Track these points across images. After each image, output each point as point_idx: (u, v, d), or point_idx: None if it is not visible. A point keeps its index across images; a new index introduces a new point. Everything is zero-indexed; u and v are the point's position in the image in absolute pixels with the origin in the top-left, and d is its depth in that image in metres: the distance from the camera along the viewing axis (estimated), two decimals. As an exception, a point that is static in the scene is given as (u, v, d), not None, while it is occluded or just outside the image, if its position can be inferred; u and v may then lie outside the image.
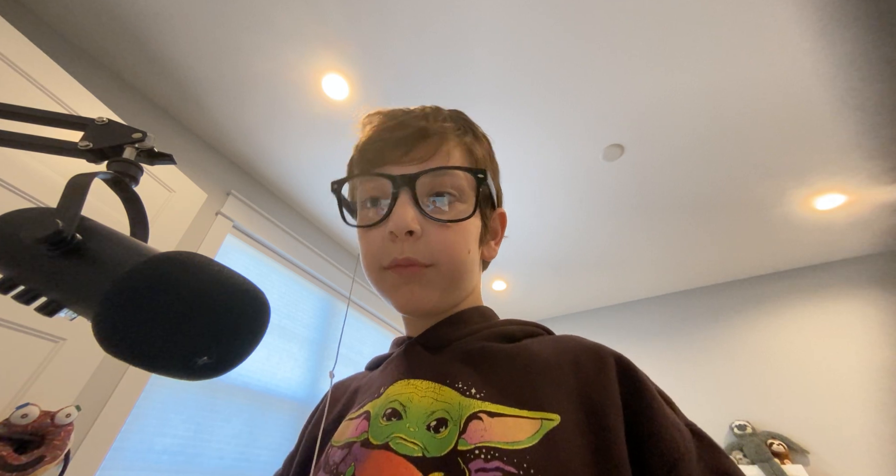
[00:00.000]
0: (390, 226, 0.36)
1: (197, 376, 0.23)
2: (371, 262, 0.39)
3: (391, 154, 0.39)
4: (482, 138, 0.47)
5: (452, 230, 0.38)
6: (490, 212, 0.45)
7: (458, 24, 1.26)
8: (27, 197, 0.90)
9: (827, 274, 2.32)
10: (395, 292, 0.38)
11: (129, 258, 0.22)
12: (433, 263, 0.37)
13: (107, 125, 0.31)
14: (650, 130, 1.59)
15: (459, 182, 0.39)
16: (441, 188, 0.38)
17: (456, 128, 0.42)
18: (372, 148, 0.40)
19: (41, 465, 0.80)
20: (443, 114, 0.43)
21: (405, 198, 0.36)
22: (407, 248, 0.36)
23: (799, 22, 1.20)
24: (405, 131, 0.39)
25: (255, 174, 1.93)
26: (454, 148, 0.41)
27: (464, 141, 0.42)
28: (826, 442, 1.93)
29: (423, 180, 0.37)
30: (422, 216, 0.37)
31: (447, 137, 0.40)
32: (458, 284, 0.40)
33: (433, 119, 0.41)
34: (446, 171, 0.38)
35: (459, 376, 0.33)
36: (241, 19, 1.26)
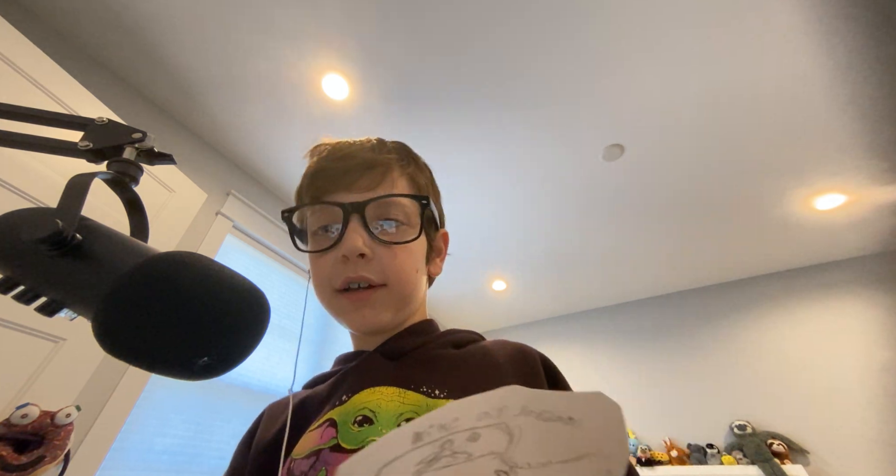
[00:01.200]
0: (342, 249, 0.38)
1: (197, 376, 0.23)
2: (323, 286, 0.41)
3: (340, 182, 0.41)
4: (423, 168, 0.50)
5: (401, 251, 0.41)
6: (434, 233, 0.49)
7: (458, 23, 1.26)
8: (27, 197, 0.90)
9: (827, 274, 2.32)
10: (349, 315, 0.41)
11: (129, 258, 0.22)
12: (384, 283, 0.40)
13: (107, 125, 0.31)
14: (650, 130, 1.59)
15: (405, 208, 0.42)
16: (388, 214, 0.41)
17: (399, 158, 0.45)
18: (321, 176, 0.43)
19: (41, 465, 0.80)
20: (387, 146, 0.46)
21: (355, 223, 0.39)
22: (359, 268, 0.39)
23: (799, 22, 1.20)
24: (353, 161, 0.42)
25: (255, 174, 1.93)
26: (399, 177, 0.44)
27: (407, 171, 0.45)
28: (826, 442, 1.93)
29: (371, 207, 0.40)
30: (371, 240, 0.39)
31: (392, 167, 0.44)
32: (408, 302, 0.43)
33: (378, 151, 0.44)
34: (393, 198, 0.41)
35: (422, 380, 0.37)
36: (241, 19, 1.26)
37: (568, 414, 0.19)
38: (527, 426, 0.19)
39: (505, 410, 0.19)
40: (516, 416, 0.19)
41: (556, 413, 0.19)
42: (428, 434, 0.18)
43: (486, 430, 0.19)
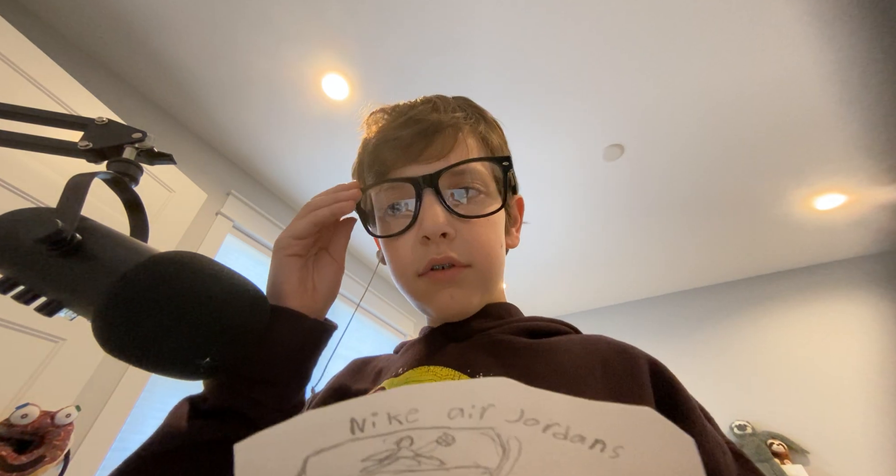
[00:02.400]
0: (424, 230, 0.34)
1: (198, 377, 0.23)
2: (403, 271, 0.37)
3: (407, 154, 0.37)
4: (494, 124, 0.44)
5: (484, 226, 0.36)
6: (511, 198, 0.43)
7: (458, 24, 1.26)
8: (27, 197, 0.90)
9: (827, 274, 2.32)
10: (433, 298, 0.36)
11: (129, 258, 0.22)
12: (469, 263, 0.35)
13: (107, 125, 0.31)
14: (650, 130, 1.59)
15: (481, 174, 0.37)
16: (464, 183, 0.36)
17: (467, 117, 0.40)
18: (384, 149, 0.38)
19: (41, 465, 0.80)
20: (451, 103, 0.41)
21: (431, 199, 0.34)
22: (443, 248, 0.34)
23: (799, 22, 1.20)
24: (417, 127, 0.37)
25: (255, 174, 1.93)
26: (469, 137, 0.39)
27: (478, 130, 0.40)
28: (826, 442, 1.93)
29: (445, 177, 0.35)
30: (451, 215, 0.35)
31: (461, 128, 0.38)
32: (495, 282, 0.38)
33: (444, 110, 0.39)
34: (470, 164, 0.36)
35: (480, 366, 0.32)
36: (242, 19, 1.26)
37: (598, 435, 0.13)
38: (529, 441, 0.14)
39: (492, 412, 0.14)
40: (511, 424, 0.14)
41: (578, 431, 0.14)
42: (371, 423, 0.14)
43: (465, 434, 0.14)
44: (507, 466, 0.13)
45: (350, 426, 0.14)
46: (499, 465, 0.13)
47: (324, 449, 0.14)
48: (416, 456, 0.14)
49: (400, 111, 0.40)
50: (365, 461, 0.13)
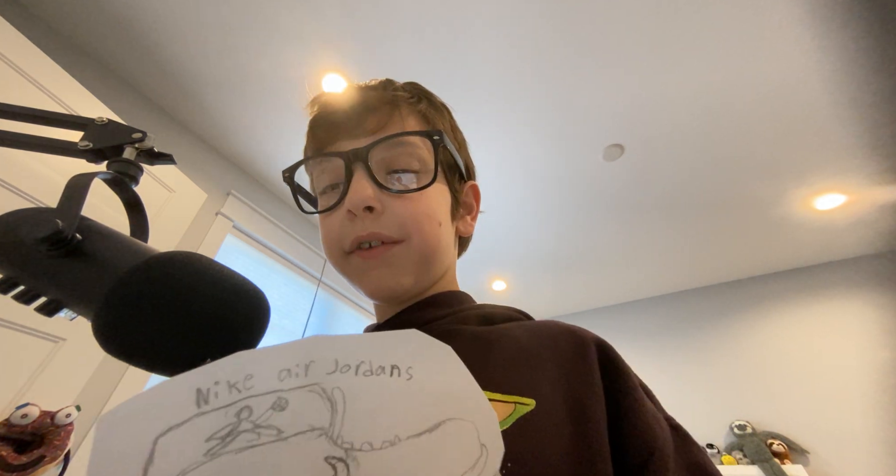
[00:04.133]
0: (347, 203, 0.33)
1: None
2: (333, 248, 0.36)
3: (340, 129, 0.36)
4: (441, 107, 0.43)
5: (416, 201, 0.35)
6: (460, 185, 0.42)
7: (458, 24, 1.26)
8: (27, 197, 0.90)
9: (827, 274, 2.32)
10: (363, 277, 0.35)
11: (129, 258, 0.22)
12: (402, 238, 0.34)
13: (107, 125, 0.31)
14: (650, 130, 1.59)
15: (420, 153, 0.35)
16: (400, 163, 0.35)
17: (409, 96, 0.39)
18: (320, 125, 0.38)
19: (41, 465, 0.80)
20: (394, 84, 0.40)
21: (360, 173, 0.33)
22: (368, 224, 0.33)
23: (799, 22, 1.20)
24: (353, 102, 0.37)
25: (255, 174, 1.93)
26: (408, 116, 0.38)
27: (418, 108, 0.39)
28: (826, 442, 1.93)
29: (378, 153, 0.34)
30: (380, 190, 0.34)
31: (399, 105, 0.37)
32: (431, 262, 0.36)
33: (382, 89, 0.38)
34: (403, 141, 0.35)
35: None
36: (241, 19, 1.26)
37: (392, 362, 0.16)
38: (349, 388, 0.15)
39: (314, 367, 0.15)
40: (330, 375, 0.15)
41: (378, 363, 0.15)
42: (214, 394, 0.14)
43: (296, 395, 0.14)
44: (338, 420, 0.14)
45: (196, 397, 0.14)
46: (331, 422, 0.14)
47: (172, 427, 0.13)
48: (255, 428, 0.14)
49: (343, 92, 0.40)
50: (209, 441, 0.13)
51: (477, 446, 0.15)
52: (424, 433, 0.15)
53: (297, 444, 0.14)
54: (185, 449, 0.13)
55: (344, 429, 0.14)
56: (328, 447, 0.14)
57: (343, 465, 0.14)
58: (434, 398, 0.15)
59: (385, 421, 0.15)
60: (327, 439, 0.14)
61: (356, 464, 0.14)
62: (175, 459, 0.13)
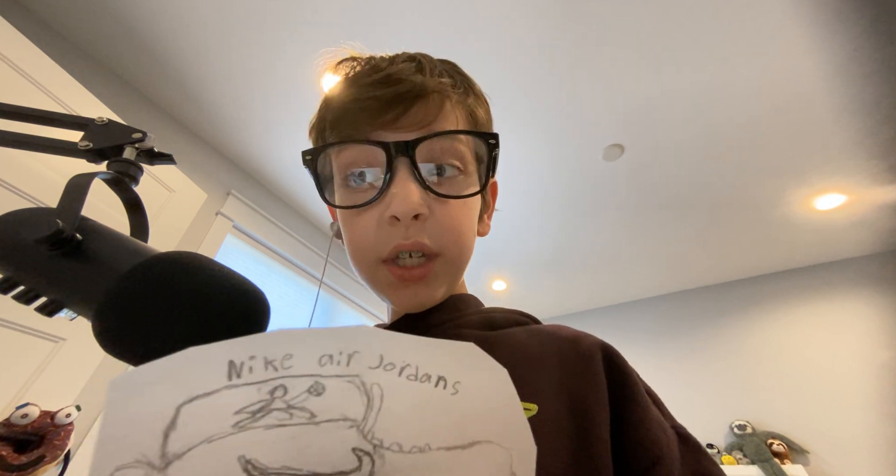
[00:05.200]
0: (394, 210, 0.29)
1: (197, 376, 0.23)
2: (367, 254, 0.32)
3: (382, 116, 0.31)
4: (483, 99, 0.40)
5: (460, 209, 0.32)
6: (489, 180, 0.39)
7: (457, 23, 1.26)
8: (27, 197, 0.90)
9: (827, 274, 2.32)
10: (397, 292, 0.32)
11: (129, 258, 0.22)
12: (441, 250, 0.31)
13: (107, 125, 0.31)
14: (650, 130, 1.59)
15: (462, 151, 0.32)
16: (445, 158, 0.31)
17: (454, 84, 0.35)
18: (354, 108, 0.32)
19: (41, 465, 0.80)
20: (437, 66, 0.36)
21: (405, 172, 0.29)
22: (413, 232, 0.30)
23: (799, 22, 1.20)
24: (396, 88, 0.31)
25: (255, 174, 1.93)
26: (456, 109, 0.34)
27: (466, 103, 0.36)
28: (826, 442, 1.93)
29: (423, 148, 0.30)
30: (427, 193, 0.30)
31: (449, 96, 0.33)
32: (462, 272, 0.34)
33: (429, 73, 0.33)
34: (448, 135, 0.31)
35: None
36: (241, 19, 1.26)
37: (440, 372, 0.15)
38: (389, 387, 0.15)
39: (357, 358, 0.15)
40: (373, 370, 0.15)
41: (425, 370, 0.15)
42: (248, 369, 0.14)
43: (335, 384, 0.14)
44: (372, 416, 0.14)
45: (227, 370, 0.14)
46: (364, 416, 0.14)
47: (198, 396, 0.13)
48: (288, 408, 0.14)
49: (375, 66, 0.35)
50: (238, 414, 0.13)
51: (507, 473, 0.15)
52: (456, 449, 0.15)
53: (328, 430, 0.14)
54: (211, 419, 0.13)
55: (376, 426, 0.14)
56: (357, 439, 0.14)
57: (369, 459, 0.14)
58: (475, 418, 0.15)
59: (418, 427, 0.15)
60: (358, 432, 0.14)
61: (382, 461, 0.14)
62: (199, 427, 0.13)
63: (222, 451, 0.13)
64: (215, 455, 0.13)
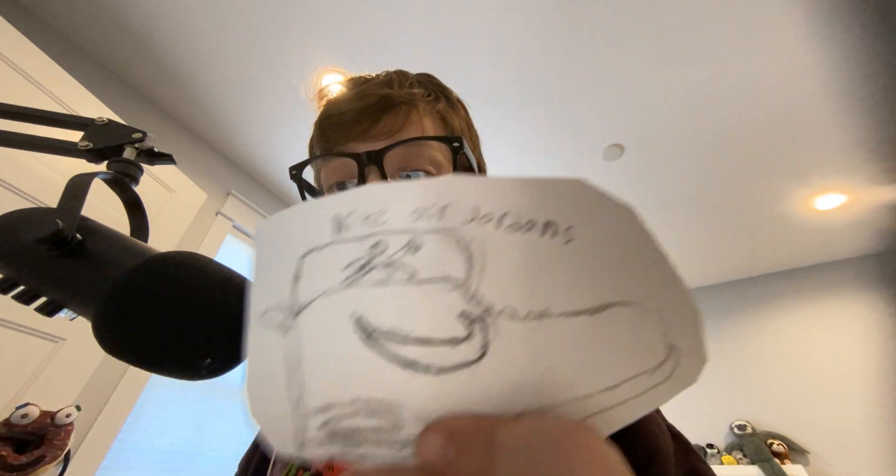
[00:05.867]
0: None
1: (199, 377, 0.23)
2: None
3: (354, 129, 0.34)
4: (457, 104, 0.41)
5: None
6: None
7: (458, 24, 1.26)
8: (27, 197, 0.90)
9: (827, 274, 2.32)
10: None
11: (129, 258, 0.22)
12: None
13: (107, 125, 0.31)
14: (650, 130, 1.59)
15: (434, 155, 0.34)
16: (414, 164, 0.33)
17: (426, 94, 0.37)
18: (331, 122, 0.36)
19: (41, 465, 0.80)
20: (409, 78, 0.38)
21: (374, 178, 0.32)
22: None
23: (799, 22, 1.20)
24: (367, 101, 0.35)
25: (255, 174, 1.93)
26: (425, 117, 0.36)
27: (436, 108, 0.37)
28: (826, 442, 1.93)
29: (392, 156, 0.32)
30: None
31: (416, 105, 0.36)
32: None
33: (398, 85, 0.36)
34: (417, 142, 0.33)
35: None
36: (241, 19, 1.26)
37: (546, 217, 0.13)
38: (488, 242, 0.13)
39: (450, 211, 0.13)
40: (467, 225, 0.13)
41: (528, 216, 0.13)
42: (350, 223, 0.14)
43: (430, 239, 0.13)
44: (475, 276, 0.13)
45: (333, 224, 0.14)
46: (466, 276, 0.13)
47: (313, 249, 0.14)
48: (388, 264, 0.13)
49: (352, 84, 0.38)
50: (346, 269, 0.13)
51: (661, 346, 0.12)
52: (583, 314, 0.12)
53: (429, 291, 0.13)
54: (325, 273, 0.14)
55: (482, 287, 0.13)
56: (463, 303, 0.13)
57: (480, 325, 0.12)
58: (600, 271, 0.12)
59: (530, 288, 0.12)
60: (462, 295, 0.13)
61: (495, 329, 0.12)
62: (317, 280, 0.14)
63: (337, 306, 0.13)
64: (332, 309, 0.13)
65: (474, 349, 0.12)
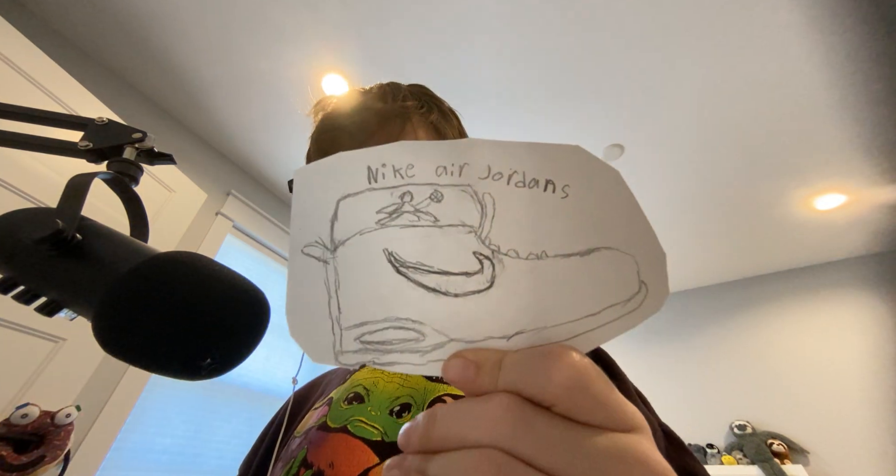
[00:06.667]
0: None
1: (198, 377, 0.23)
2: None
3: (349, 144, 0.35)
4: (449, 114, 0.43)
5: None
6: None
7: (458, 24, 1.26)
8: (27, 197, 0.90)
9: (827, 274, 2.32)
10: None
11: (129, 258, 0.22)
12: None
13: (107, 125, 0.31)
14: (650, 130, 1.59)
15: None
16: None
17: (419, 106, 0.38)
18: (328, 138, 0.37)
19: (41, 465, 0.80)
20: (402, 91, 0.39)
21: None
22: None
23: (799, 22, 1.20)
24: (362, 116, 0.36)
25: (255, 174, 1.93)
26: (419, 129, 0.37)
27: (429, 120, 0.38)
28: (826, 442, 1.93)
29: None
30: None
31: (409, 118, 0.37)
32: None
33: (392, 98, 0.37)
34: None
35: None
36: (242, 19, 1.26)
37: (547, 175, 0.15)
38: (499, 195, 0.15)
39: (467, 169, 0.15)
40: (482, 181, 0.15)
41: (532, 175, 0.15)
42: (381, 174, 0.16)
43: (450, 192, 0.16)
44: (487, 223, 0.16)
45: (367, 174, 0.16)
46: (480, 223, 0.16)
47: (350, 194, 0.16)
48: (415, 211, 0.16)
49: (348, 99, 0.39)
50: (379, 213, 0.16)
51: (634, 281, 0.15)
52: (574, 256, 0.15)
53: (450, 233, 0.16)
54: (360, 215, 0.16)
55: (492, 232, 0.15)
56: (476, 244, 0.15)
57: (489, 262, 0.15)
58: (589, 222, 0.15)
59: (532, 234, 0.15)
60: (476, 237, 0.15)
61: (501, 265, 0.15)
62: (353, 221, 0.16)
63: (371, 242, 0.16)
64: (367, 245, 0.16)
65: (484, 280, 0.15)
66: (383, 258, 0.16)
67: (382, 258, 0.16)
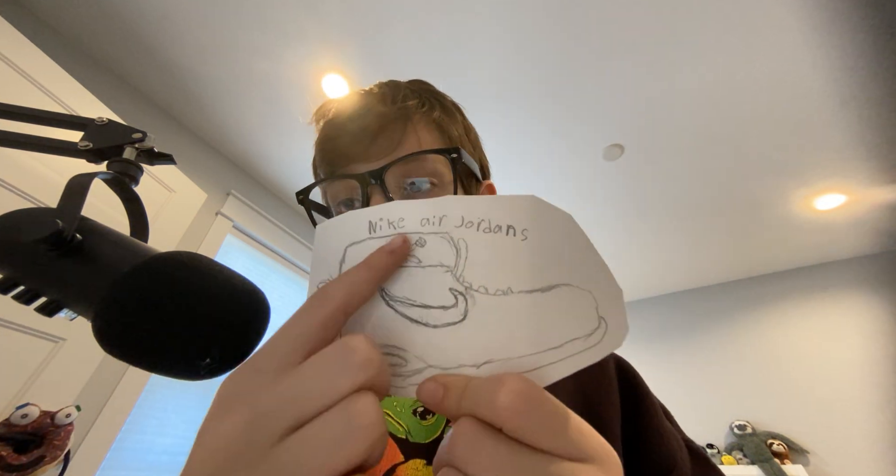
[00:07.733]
0: None
1: (198, 377, 0.23)
2: None
3: (352, 150, 0.35)
4: (452, 110, 0.42)
5: None
6: (476, 186, 0.41)
7: (458, 24, 1.26)
8: (27, 197, 0.90)
9: (827, 274, 2.32)
10: None
11: (129, 258, 0.22)
12: None
13: (107, 125, 0.31)
14: (650, 130, 1.59)
15: (434, 166, 0.35)
16: (416, 174, 0.35)
17: (420, 104, 0.38)
18: (331, 146, 0.37)
19: (41, 465, 0.80)
20: (402, 90, 0.39)
21: (377, 195, 0.33)
22: None
23: (799, 22, 1.20)
24: (363, 121, 0.36)
25: (255, 174, 1.93)
26: (422, 129, 0.37)
27: (432, 118, 0.38)
28: (826, 442, 1.93)
29: (393, 171, 0.34)
30: None
31: (411, 118, 0.37)
32: None
33: (392, 100, 0.37)
34: (415, 157, 0.34)
35: None
36: (242, 19, 1.26)
37: (508, 222, 0.18)
38: (471, 240, 0.18)
39: (445, 220, 0.19)
40: (457, 228, 0.18)
41: (497, 222, 0.18)
42: (379, 226, 0.19)
43: (432, 238, 0.19)
44: (461, 264, 0.18)
45: (368, 226, 0.20)
46: (455, 263, 0.18)
47: (354, 242, 0.20)
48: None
49: (348, 103, 0.39)
50: None
51: (594, 317, 0.16)
52: (536, 291, 0.17)
53: (430, 272, 0.19)
54: (362, 258, 0.19)
55: (465, 271, 0.18)
56: (452, 281, 0.18)
57: (463, 298, 0.18)
58: (547, 261, 0.17)
59: (498, 272, 0.18)
60: (452, 275, 0.18)
61: (473, 300, 0.18)
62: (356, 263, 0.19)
63: None
64: None
65: (458, 313, 0.18)
66: (378, 293, 0.19)
67: (378, 293, 0.19)
